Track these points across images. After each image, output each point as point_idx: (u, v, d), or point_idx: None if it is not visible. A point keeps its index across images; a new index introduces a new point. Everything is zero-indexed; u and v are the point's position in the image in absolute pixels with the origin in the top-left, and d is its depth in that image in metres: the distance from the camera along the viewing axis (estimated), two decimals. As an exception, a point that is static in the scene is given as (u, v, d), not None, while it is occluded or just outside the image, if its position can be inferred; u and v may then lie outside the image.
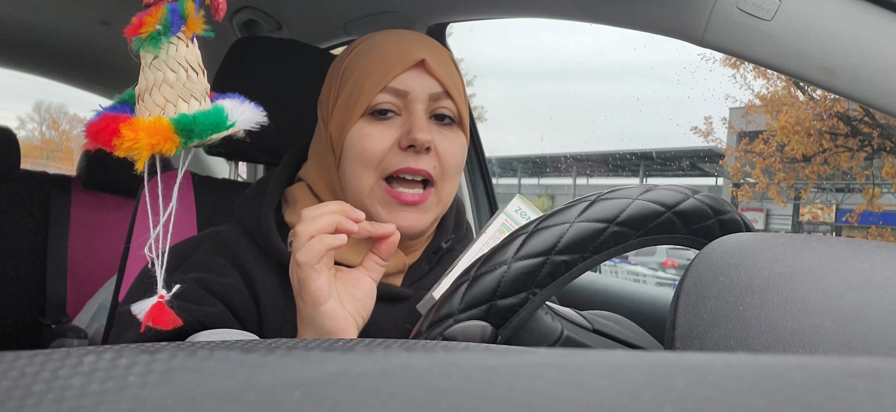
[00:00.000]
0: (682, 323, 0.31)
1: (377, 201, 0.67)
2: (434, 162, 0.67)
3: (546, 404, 0.15)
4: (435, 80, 0.68)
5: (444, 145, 0.68)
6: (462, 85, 0.73)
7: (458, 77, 0.73)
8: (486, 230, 0.65)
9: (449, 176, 0.69)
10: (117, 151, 0.42)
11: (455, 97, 0.69)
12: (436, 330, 0.43)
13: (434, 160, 0.67)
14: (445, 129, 0.70)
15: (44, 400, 0.16)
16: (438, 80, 0.68)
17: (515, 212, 0.64)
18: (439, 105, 0.69)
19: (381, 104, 0.67)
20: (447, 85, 0.68)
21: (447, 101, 0.69)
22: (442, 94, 0.69)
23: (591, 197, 0.45)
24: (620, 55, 21.45)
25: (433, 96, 0.68)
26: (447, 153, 0.68)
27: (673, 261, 8.72)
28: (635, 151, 11.61)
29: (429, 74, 0.68)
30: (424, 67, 0.68)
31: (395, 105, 0.68)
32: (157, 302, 0.46)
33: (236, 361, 0.18)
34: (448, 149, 0.68)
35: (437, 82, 0.68)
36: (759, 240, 0.33)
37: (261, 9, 1.34)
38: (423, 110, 0.68)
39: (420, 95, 0.67)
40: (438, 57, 0.70)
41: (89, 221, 1.77)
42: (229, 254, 0.70)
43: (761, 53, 0.71)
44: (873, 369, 0.16)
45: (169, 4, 0.43)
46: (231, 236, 0.72)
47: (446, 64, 0.70)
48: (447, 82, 0.69)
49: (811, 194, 9.62)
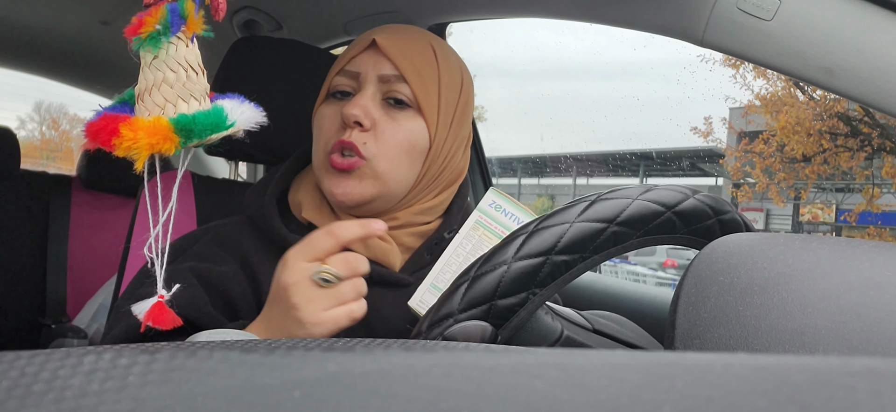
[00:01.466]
0: (682, 323, 0.31)
1: (324, 171, 0.70)
2: (367, 138, 0.68)
3: (546, 404, 0.15)
4: (388, 62, 0.69)
5: (385, 126, 0.69)
6: (436, 74, 0.72)
7: (428, 64, 0.71)
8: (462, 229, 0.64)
9: (386, 155, 0.68)
10: (117, 151, 0.42)
11: (411, 81, 0.69)
12: (436, 330, 0.43)
13: (368, 137, 0.68)
14: (396, 111, 0.70)
15: (44, 400, 0.16)
16: (392, 61, 0.69)
17: (489, 206, 0.63)
18: (391, 87, 0.69)
19: (338, 86, 0.71)
20: (401, 66, 0.69)
21: (401, 84, 0.69)
22: (395, 77, 0.69)
23: (591, 197, 0.45)
24: (620, 55, 21.45)
25: (384, 77, 0.69)
26: (386, 133, 0.68)
27: (673, 261, 8.72)
28: (635, 151, 11.61)
29: (383, 56, 0.69)
30: (377, 49, 0.69)
31: (351, 86, 0.71)
32: (157, 301, 0.46)
33: (236, 361, 0.18)
34: (389, 130, 0.69)
35: (390, 64, 0.69)
36: (759, 240, 0.33)
37: (261, 9, 1.34)
38: (373, 91, 0.69)
39: (369, 75, 0.69)
40: (399, 40, 0.70)
41: (89, 221, 1.77)
42: (230, 244, 0.72)
43: (761, 53, 0.71)
44: (873, 369, 0.16)
45: (169, 4, 0.43)
46: (233, 227, 0.74)
47: (407, 47, 0.70)
48: (402, 64, 0.69)
49: (811, 194, 9.62)
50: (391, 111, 0.70)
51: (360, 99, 0.68)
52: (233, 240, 0.72)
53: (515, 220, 0.62)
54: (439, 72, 0.72)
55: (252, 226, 0.74)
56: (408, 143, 0.70)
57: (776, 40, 0.69)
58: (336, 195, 0.68)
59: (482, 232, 0.63)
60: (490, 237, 0.62)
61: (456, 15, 1.21)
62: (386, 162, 0.69)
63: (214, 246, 0.72)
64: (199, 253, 0.71)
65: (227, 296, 0.67)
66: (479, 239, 0.63)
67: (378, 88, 0.69)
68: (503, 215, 0.62)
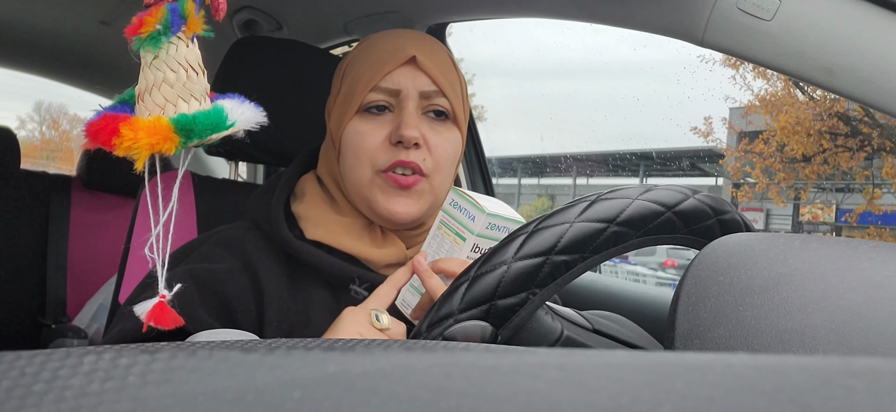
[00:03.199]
0: (682, 323, 0.31)
1: (377, 189, 0.70)
2: (424, 155, 0.69)
3: (546, 404, 0.15)
4: (427, 77, 0.69)
5: (435, 140, 0.70)
6: (459, 82, 0.74)
7: (455, 74, 0.73)
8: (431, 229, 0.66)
9: (441, 169, 0.71)
10: (117, 151, 0.42)
11: (448, 94, 0.70)
12: (436, 330, 0.43)
13: (424, 153, 0.69)
14: (438, 125, 0.71)
15: (44, 400, 0.16)
16: (430, 77, 0.69)
17: (450, 205, 0.65)
18: (432, 102, 0.70)
19: (373, 101, 0.70)
20: (440, 82, 0.70)
21: (440, 98, 0.70)
22: (435, 92, 0.70)
23: (591, 197, 0.45)
24: (620, 54, 21.41)
25: (425, 94, 0.70)
26: (438, 148, 0.70)
27: (673, 262, 8.72)
28: (635, 151, 11.61)
29: (421, 71, 0.69)
30: (416, 64, 0.69)
31: (387, 102, 0.70)
32: (159, 301, 0.46)
33: (236, 361, 0.18)
34: (439, 144, 0.70)
35: (429, 79, 0.69)
36: (759, 240, 0.33)
37: (261, 9, 1.34)
38: (415, 107, 0.69)
39: (411, 92, 0.69)
40: (431, 54, 0.71)
41: (89, 221, 1.77)
42: (234, 247, 0.72)
43: (761, 53, 0.71)
44: (873, 369, 0.16)
45: (169, 4, 0.43)
46: (237, 232, 0.75)
47: (440, 61, 0.71)
48: (440, 79, 0.70)
49: (811, 194, 9.62)
50: (434, 125, 0.71)
51: (411, 119, 0.68)
52: (238, 242, 0.72)
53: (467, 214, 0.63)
54: (460, 82, 0.74)
55: (258, 232, 0.74)
56: (455, 155, 0.73)
57: (776, 40, 0.69)
58: (396, 214, 0.69)
59: (444, 230, 0.65)
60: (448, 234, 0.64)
61: (456, 15, 1.21)
62: (440, 176, 0.71)
63: (218, 247, 0.72)
64: (203, 253, 0.72)
65: (222, 295, 0.67)
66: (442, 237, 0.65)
67: (419, 104, 0.70)
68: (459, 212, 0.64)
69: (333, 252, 0.70)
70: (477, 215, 0.61)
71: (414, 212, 0.70)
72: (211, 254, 0.71)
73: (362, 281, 0.70)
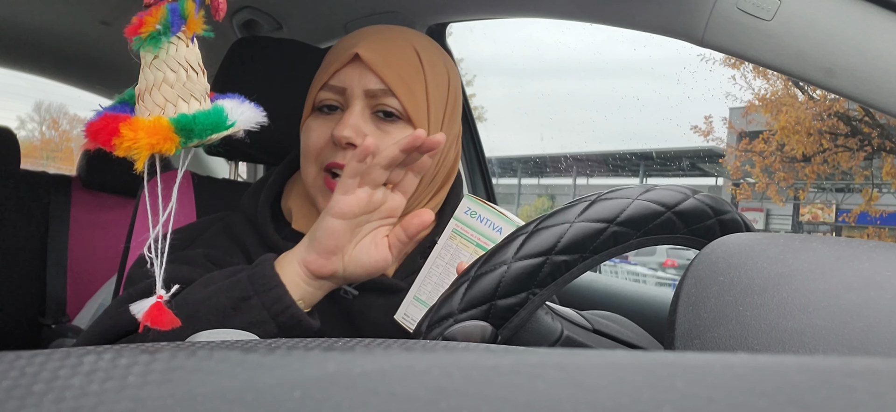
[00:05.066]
0: (682, 323, 0.31)
1: (318, 190, 0.70)
2: None
3: (546, 404, 0.15)
4: (374, 75, 0.67)
5: (378, 142, 0.67)
6: (423, 80, 0.70)
7: (414, 71, 0.70)
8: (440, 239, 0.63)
9: None
10: (117, 151, 0.42)
11: (399, 93, 0.68)
12: (436, 330, 0.43)
13: None
14: (387, 125, 0.69)
15: (44, 400, 0.16)
16: (377, 75, 0.67)
17: (465, 214, 0.62)
18: (379, 101, 0.68)
19: (324, 100, 0.70)
20: (387, 79, 0.67)
21: (389, 97, 0.68)
22: (382, 91, 0.68)
23: (591, 197, 0.45)
24: (621, 54, 21.45)
25: (371, 92, 0.68)
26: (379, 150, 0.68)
27: (673, 261, 8.72)
28: (635, 151, 11.60)
29: (367, 69, 0.67)
30: (361, 62, 0.67)
31: (337, 101, 0.70)
32: (156, 302, 0.46)
33: (236, 361, 0.18)
34: (381, 145, 0.67)
35: (376, 77, 0.67)
36: (759, 240, 0.33)
37: (261, 9, 1.34)
38: (361, 106, 0.68)
39: (355, 91, 0.68)
40: (382, 51, 0.68)
41: (89, 221, 1.77)
42: (234, 237, 0.74)
43: (761, 53, 0.71)
44: (873, 369, 0.16)
45: (169, 4, 0.43)
46: (236, 221, 0.76)
47: (391, 57, 0.68)
48: (387, 76, 0.67)
49: (811, 194, 9.62)
50: (381, 124, 0.69)
51: (349, 118, 0.67)
52: (238, 232, 0.74)
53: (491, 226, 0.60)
54: (425, 77, 0.71)
55: (251, 225, 0.75)
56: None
57: (776, 40, 0.69)
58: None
59: (459, 240, 0.62)
60: (467, 246, 0.61)
61: (456, 15, 1.21)
62: None
63: (223, 237, 0.74)
64: (210, 242, 0.73)
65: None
66: (457, 248, 0.62)
67: (366, 103, 0.68)
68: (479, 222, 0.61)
69: None
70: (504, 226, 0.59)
71: None
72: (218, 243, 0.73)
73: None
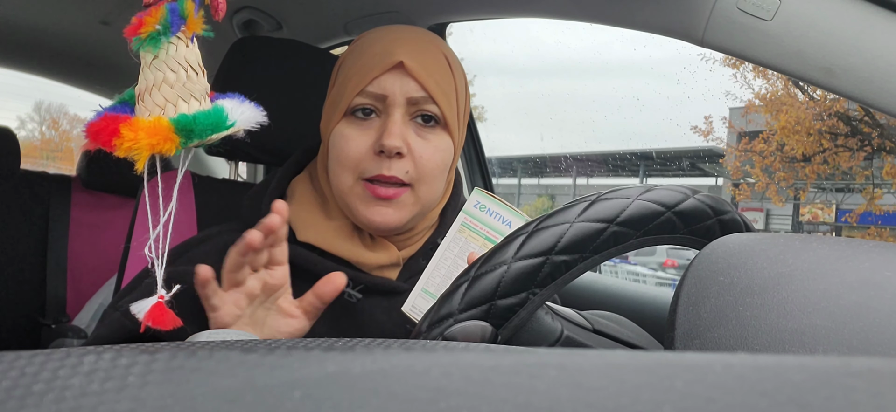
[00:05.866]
0: (682, 323, 0.31)
1: (357, 197, 0.69)
2: (408, 166, 0.67)
3: (546, 404, 0.15)
4: (415, 83, 0.67)
5: (421, 149, 0.68)
6: (454, 85, 0.72)
7: (448, 77, 0.71)
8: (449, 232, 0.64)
9: (426, 178, 0.69)
10: (117, 151, 0.42)
11: (439, 99, 0.68)
12: (436, 330, 0.43)
13: (408, 164, 0.67)
14: (427, 131, 0.69)
15: (44, 400, 0.16)
16: (419, 83, 0.67)
17: (474, 207, 0.63)
18: (420, 108, 0.68)
19: (360, 105, 0.68)
20: (429, 87, 0.67)
21: (429, 104, 0.68)
22: (423, 98, 0.68)
23: (591, 197, 0.45)
24: (621, 54, 21.45)
25: (413, 99, 0.68)
26: (423, 157, 0.68)
27: (673, 261, 8.72)
28: (635, 151, 11.60)
29: (409, 76, 0.67)
30: (404, 69, 0.67)
31: (374, 106, 0.68)
32: (157, 302, 0.46)
33: (236, 361, 0.18)
34: (425, 153, 0.68)
35: (417, 84, 0.67)
36: (759, 240, 0.33)
37: (261, 9, 1.34)
38: (401, 113, 0.67)
39: (398, 99, 0.67)
40: (422, 58, 0.68)
41: (89, 221, 1.77)
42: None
43: (761, 53, 0.71)
44: (873, 369, 0.16)
45: (169, 4, 0.43)
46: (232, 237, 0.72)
47: (430, 64, 0.69)
48: (429, 84, 0.68)
49: (811, 194, 9.61)
50: (421, 131, 0.69)
51: (395, 127, 0.66)
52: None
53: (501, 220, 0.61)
54: (455, 84, 0.72)
55: None
56: (443, 163, 0.70)
57: (776, 40, 0.69)
58: (374, 223, 0.68)
59: (468, 233, 0.62)
60: (476, 238, 0.62)
61: (456, 15, 1.21)
62: (426, 185, 0.69)
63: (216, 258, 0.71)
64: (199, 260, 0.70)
65: None
66: (466, 241, 0.62)
67: (406, 110, 0.68)
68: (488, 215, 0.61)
69: (325, 254, 0.70)
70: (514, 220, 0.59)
71: (394, 222, 0.68)
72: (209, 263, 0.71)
73: (355, 283, 0.69)
